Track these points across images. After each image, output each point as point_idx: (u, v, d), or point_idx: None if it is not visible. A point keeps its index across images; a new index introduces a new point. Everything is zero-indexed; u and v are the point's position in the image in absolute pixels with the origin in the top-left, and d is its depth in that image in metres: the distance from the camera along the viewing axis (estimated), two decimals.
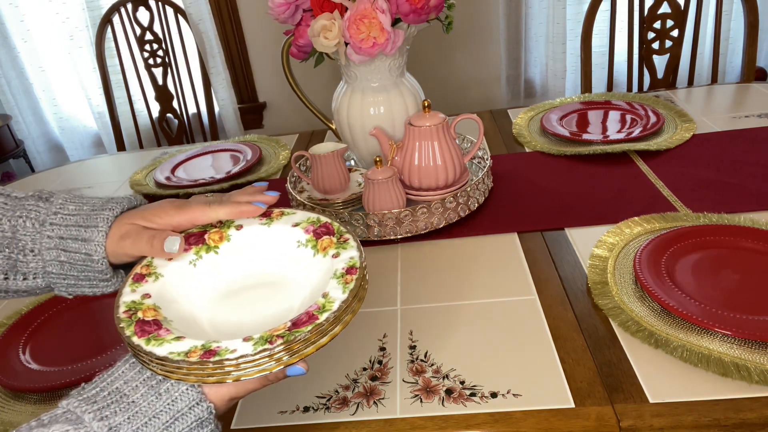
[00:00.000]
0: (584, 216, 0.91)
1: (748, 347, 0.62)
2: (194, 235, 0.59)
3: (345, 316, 0.48)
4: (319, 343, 0.46)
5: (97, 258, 0.56)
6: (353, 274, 0.51)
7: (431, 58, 2.44)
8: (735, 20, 2.22)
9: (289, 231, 0.59)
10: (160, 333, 0.48)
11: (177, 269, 0.57)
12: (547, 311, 0.72)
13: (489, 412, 0.59)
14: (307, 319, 0.46)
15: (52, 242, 0.56)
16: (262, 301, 0.56)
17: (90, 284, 0.58)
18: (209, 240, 0.59)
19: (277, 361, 0.45)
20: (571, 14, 2.27)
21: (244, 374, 0.45)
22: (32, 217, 0.57)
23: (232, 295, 0.57)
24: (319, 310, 0.47)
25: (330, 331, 0.47)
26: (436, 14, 0.93)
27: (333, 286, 0.50)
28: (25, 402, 0.70)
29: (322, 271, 0.54)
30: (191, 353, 0.45)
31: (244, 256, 0.59)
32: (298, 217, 0.60)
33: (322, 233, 0.58)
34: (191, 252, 0.58)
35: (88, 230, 0.56)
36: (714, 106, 1.26)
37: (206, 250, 0.59)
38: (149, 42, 1.84)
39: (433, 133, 0.91)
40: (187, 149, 1.41)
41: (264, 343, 0.45)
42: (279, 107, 2.57)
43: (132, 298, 0.52)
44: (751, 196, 0.90)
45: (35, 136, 2.51)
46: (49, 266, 0.56)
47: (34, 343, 0.78)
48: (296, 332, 0.45)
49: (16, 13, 2.31)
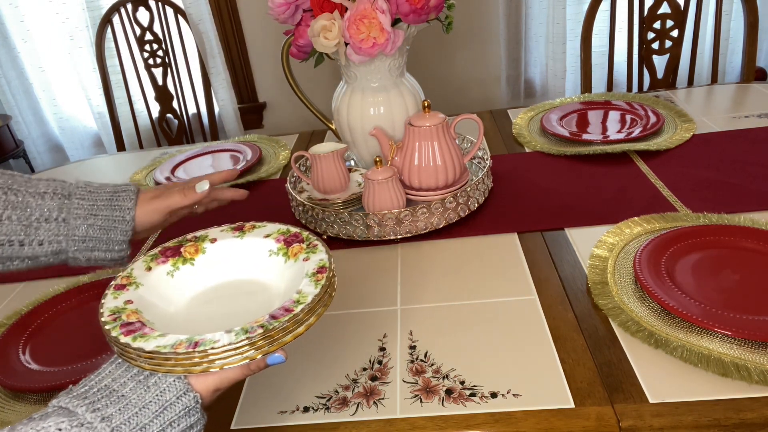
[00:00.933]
0: (584, 216, 0.91)
1: (748, 347, 0.62)
2: (171, 248, 0.64)
3: (318, 308, 0.52)
4: (296, 332, 0.50)
5: (128, 219, 0.67)
6: (324, 273, 0.55)
7: (431, 58, 2.44)
8: (735, 20, 2.22)
9: (260, 242, 0.63)
10: (144, 331, 0.51)
11: (155, 280, 0.60)
12: (547, 311, 0.72)
13: (489, 412, 0.59)
14: (284, 311, 0.51)
15: (82, 210, 0.66)
16: (239, 305, 0.59)
17: (107, 248, 0.67)
18: (185, 252, 0.63)
19: (258, 349, 0.49)
20: (571, 14, 2.27)
21: (228, 362, 0.48)
22: (58, 191, 0.66)
23: (209, 301, 0.60)
24: (295, 304, 0.51)
25: (305, 321, 0.51)
26: (436, 14, 0.93)
27: (306, 283, 0.54)
28: (25, 402, 0.70)
29: (294, 274, 0.58)
30: (177, 346, 0.48)
31: (219, 267, 0.63)
32: (268, 229, 0.64)
33: (292, 241, 0.62)
34: (168, 264, 0.62)
35: (118, 198, 0.68)
36: (714, 106, 1.26)
37: (182, 262, 0.63)
38: (149, 42, 1.84)
39: (433, 133, 0.91)
40: (187, 149, 1.41)
41: (244, 333, 0.48)
42: (279, 107, 2.57)
43: (115, 304, 0.55)
44: (751, 196, 0.90)
45: (35, 136, 2.51)
46: (76, 230, 0.65)
47: (34, 343, 0.78)
48: (274, 322, 0.49)
49: (16, 13, 2.31)
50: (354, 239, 0.91)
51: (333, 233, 0.92)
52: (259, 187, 1.18)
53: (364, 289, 0.81)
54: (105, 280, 0.89)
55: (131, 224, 0.68)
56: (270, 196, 1.13)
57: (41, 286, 0.93)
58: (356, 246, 0.91)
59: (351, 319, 0.76)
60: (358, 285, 0.82)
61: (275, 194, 1.13)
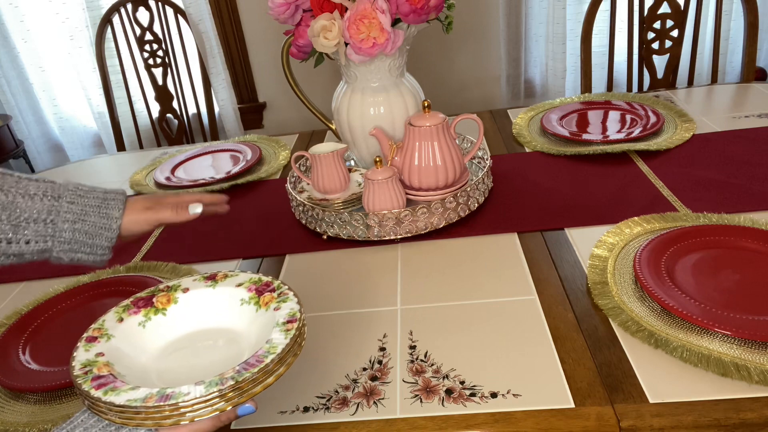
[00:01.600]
0: (584, 216, 0.91)
1: (748, 347, 0.62)
2: (143, 299, 0.64)
3: (288, 357, 0.53)
4: (266, 382, 0.51)
5: (114, 227, 0.70)
6: (294, 323, 0.56)
7: (431, 58, 2.44)
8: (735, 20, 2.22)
9: (232, 291, 0.64)
10: (116, 384, 0.51)
11: (127, 331, 0.61)
12: (547, 311, 0.72)
13: (489, 412, 0.59)
14: (254, 362, 0.51)
15: (71, 214, 0.67)
16: (211, 354, 0.60)
17: (90, 251, 0.70)
18: (157, 303, 0.64)
19: (228, 400, 0.49)
20: (571, 14, 2.27)
21: (199, 414, 0.48)
22: (48, 193, 0.67)
23: (180, 350, 0.61)
24: (265, 354, 0.52)
25: (275, 371, 0.52)
26: (436, 14, 0.94)
27: (276, 333, 0.55)
28: (25, 402, 0.70)
29: (265, 323, 0.59)
30: (148, 399, 0.48)
31: (191, 316, 0.63)
32: (241, 278, 0.65)
33: (263, 290, 0.62)
34: (140, 315, 0.63)
35: (107, 206, 0.70)
36: (714, 106, 1.26)
37: (154, 312, 0.63)
38: (149, 42, 1.84)
39: (433, 133, 0.91)
40: (187, 149, 1.41)
41: (215, 385, 0.49)
42: (279, 107, 2.57)
43: (86, 357, 0.56)
44: (751, 196, 0.90)
45: (35, 136, 2.51)
46: (63, 233, 0.67)
47: (34, 343, 0.78)
48: (245, 373, 0.50)
49: (16, 13, 2.31)
50: (354, 239, 0.91)
51: (333, 233, 0.92)
52: (259, 187, 1.18)
53: (364, 289, 0.81)
54: (105, 280, 0.89)
55: (116, 232, 0.71)
56: (270, 196, 1.13)
57: (41, 286, 0.93)
58: (356, 246, 0.91)
59: (351, 319, 0.76)
60: (358, 285, 0.82)
61: (275, 194, 1.13)
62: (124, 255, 0.99)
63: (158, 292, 0.65)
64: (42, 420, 0.66)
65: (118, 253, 0.99)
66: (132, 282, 0.87)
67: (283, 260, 0.91)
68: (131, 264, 0.95)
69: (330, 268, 0.87)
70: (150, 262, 0.94)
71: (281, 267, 0.89)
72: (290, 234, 0.98)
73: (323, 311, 0.78)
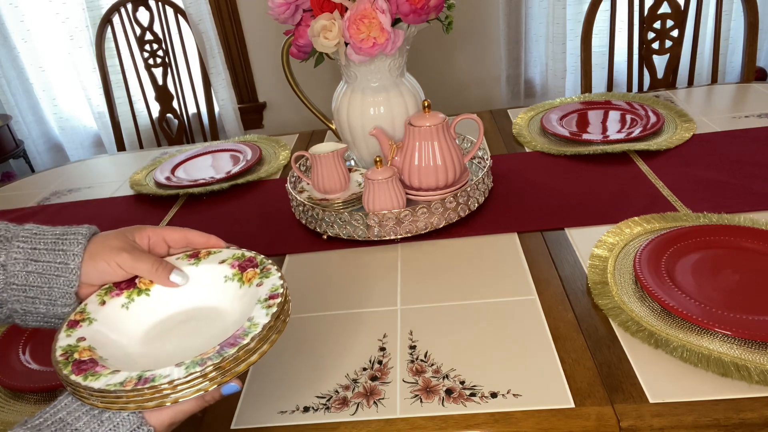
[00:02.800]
0: (584, 216, 0.91)
1: (748, 347, 0.62)
2: (125, 281, 0.62)
3: (272, 334, 0.52)
4: (249, 360, 0.50)
5: (73, 266, 0.57)
6: (276, 299, 0.55)
7: (431, 58, 2.44)
8: (735, 20, 2.22)
9: (216, 268, 0.63)
10: (96, 369, 0.50)
11: (110, 313, 0.59)
12: (547, 311, 0.72)
13: (489, 412, 0.59)
14: (234, 341, 0.50)
15: (21, 254, 0.56)
16: (194, 333, 0.58)
17: (48, 300, 0.57)
18: (140, 284, 0.62)
19: (211, 380, 0.48)
20: (571, 14, 2.27)
21: (181, 395, 0.48)
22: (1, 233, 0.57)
23: (164, 331, 0.60)
24: (245, 332, 0.51)
25: (258, 349, 0.51)
26: (436, 14, 0.94)
27: (257, 310, 0.54)
28: (25, 402, 0.70)
29: (248, 300, 0.58)
30: (127, 383, 0.48)
31: (174, 296, 0.62)
32: (224, 254, 0.64)
33: (246, 266, 0.61)
34: (123, 296, 0.61)
35: (64, 242, 0.57)
36: (714, 106, 1.26)
37: (137, 293, 0.61)
38: (149, 42, 1.84)
39: (433, 133, 0.91)
40: (187, 149, 1.41)
41: (195, 365, 0.48)
42: (279, 107, 2.57)
43: (68, 342, 0.55)
44: (751, 196, 0.90)
45: (35, 136, 2.51)
46: (14, 278, 0.56)
47: (34, 343, 0.78)
48: (226, 351, 0.49)
49: (16, 13, 2.31)
50: (354, 239, 0.91)
51: (333, 233, 0.93)
52: (259, 187, 1.18)
53: (364, 289, 0.81)
54: None
55: (76, 273, 0.57)
56: (270, 196, 1.13)
57: None
58: (356, 246, 0.91)
59: (351, 319, 0.76)
60: (358, 285, 0.82)
61: (275, 194, 1.13)
62: None
63: None
64: None
65: None
66: None
67: (283, 260, 0.91)
68: None
69: (330, 268, 0.87)
70: None
71: (281, 267, 0.89)
72: (290, 234, 0.98)
73: (323, 311, 0.78)
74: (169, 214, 1.12)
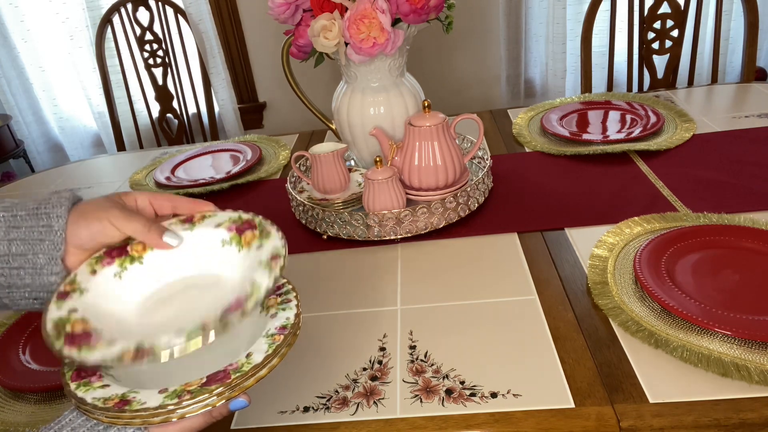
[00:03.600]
0: (584, 216, 0.91)
1: (748, 347, 0.62)
2: (117, 248, 0.58)
3: (282, 348, 0.50)
4: (258, 375, 0.48)
5: (57, 227, 0.54)
6: (278, 261, 0.52)
7: (431, 58, 2.44)
8: (735, 20, 2.22)
9: (212, 232, 0.59)
10: (90, 342, 0.48)
11: (102, 283, 0.56)
12: (547, 311, 0.72)
13: (489, 412, 0.59)
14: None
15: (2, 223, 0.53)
16: (194, 302, 0.56)
17: (33, 268, 0.54)
18: (132, 251, 0.58)
19: (219, 396, 0.47)
20: (571, 14, 2.27)
21: (188, 411, 0.46)
22: None
23: (162, 300, 0.57)
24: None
25: (268, 363, 0.49)
26: (436, 14, 0.93)
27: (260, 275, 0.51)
28: (25, 402, 0.70)
29: (248, 263, 0.55)
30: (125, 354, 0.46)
31: (169, 263, 0.59)
32: (219, 218, 0.60)
33: (244, 229, 0.58)
34: (114, 265, 0.57)
35: (47, 206, 0.54)
36: (714, 106, 1.26)
37: (130, 261, 0.58)
38: (149, 42, 1.84)
39: (433, 133, 0.91)
40: (187, 149, 1.41)
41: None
42: (279, 107, 2.57)
43: (59, 315, 0.51)
44: (751, 196, 0.90)
45: (35, 136, 2.51)
46: None
47: (34, 343, 0.78)
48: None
49: (16, 13, 2.31)
50: (354, 239, 0.91)
51: (333, 233, 0.92)
52: (259, 187, 1.18)
53: (364, 289, 0.81)
54: None
55: (61, 235, 0.54)
56: (270, 196, 1.13)
57: None
58: (356, 246, 0.91)
59: (351, 319, 0.76)
60: (358, 285, 0.82)
61: (275, 194, 1.13)
62: None
63: (132, 239, 0.58)
64: (42, 420, 0.66)
65: None
66: None
67: None
68: None
69: (330, 268, 0.87)
70: None
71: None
72: (290, 234, 0.98)
73: (323, 311, 0.78)
74: None
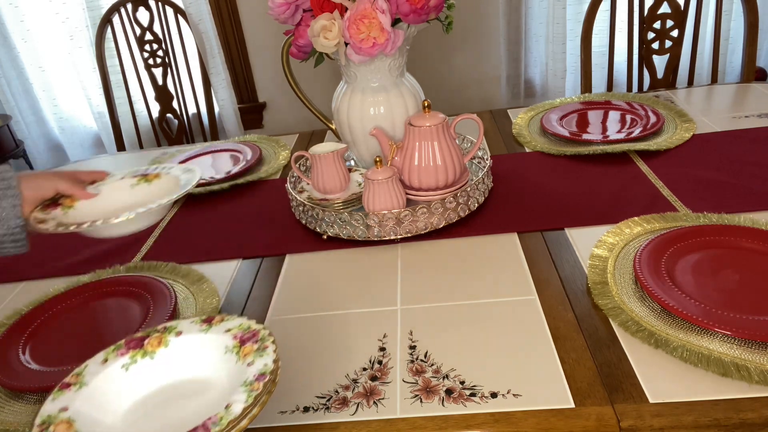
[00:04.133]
0: (584, 216, 0.91)
1: (748, 347, 0.62)
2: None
3: (262, 397, 0.53)
4: (239, 427, 0.50)
5: (14, 184, 0.69)
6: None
7: (431, 58, 2.44)
8: (735, 20, 2.22)
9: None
10: None
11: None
12: (547, 311, 0.72)
13: (489, 412, 0.59)
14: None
15: None
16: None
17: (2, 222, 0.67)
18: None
19: None
20: (571, 14, 2.27)
21: None
22: None
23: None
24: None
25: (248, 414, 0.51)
26: (436, 14, 0.94)
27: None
28: (25, 402, 0.70)
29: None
30: None
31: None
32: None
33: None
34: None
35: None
36: (714, 106, 1.26)
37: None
38: (149, 42, 1.84)
39: (433, 133, 0.91)
40: (187, 149, 1.41)
41: None
42: (279, 107, 2.57)
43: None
44: (751, 196, 0.90)
45: (35, 136, 2.51)
46: None
47: (34, 343, 0.78)
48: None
49: (16, 13, 2.31)
50: (354, 239, 0.91)
51: (333, 233, 0.92)
52: (259, 187, 1.18)
53: (364, 289, 0.81)
54: (105, 280, 0.89)
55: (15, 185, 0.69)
56: (270, 196, 1.13)
57: (41, 286, 0.93)
58: (356, 246, 0.91)
59: (351, 319, 0.76)
60: (358, 285, 0.82)
61: (275, 194, 1.13)
62: (124, 255, 0.99)
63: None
64: None
65: (119, 253, 0.99)
66: (132, 282, 0.87)
67: (283, 260, 0.91)
68: (131, 264, 0.95)
69: (330, 268, 0.87)
70: (150, 262, 0.94)
71: (281, 267, 0.89)
72: (290, 234, 0.98)
73: (323, 311, 0.78)
74: (169, 214, 1.12)
